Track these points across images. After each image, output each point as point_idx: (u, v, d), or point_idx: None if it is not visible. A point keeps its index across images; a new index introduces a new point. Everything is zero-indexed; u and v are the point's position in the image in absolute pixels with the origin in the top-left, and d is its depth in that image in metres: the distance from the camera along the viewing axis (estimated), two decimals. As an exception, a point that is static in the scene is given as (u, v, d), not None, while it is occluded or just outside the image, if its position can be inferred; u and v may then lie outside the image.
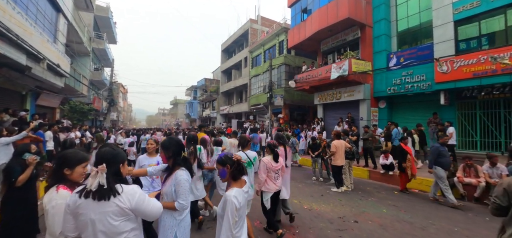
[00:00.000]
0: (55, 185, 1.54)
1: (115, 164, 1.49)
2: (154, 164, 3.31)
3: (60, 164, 1.58)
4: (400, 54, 10.88)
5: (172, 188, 1.98)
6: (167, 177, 2.10)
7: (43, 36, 7.86)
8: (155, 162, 3.31)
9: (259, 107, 20.90)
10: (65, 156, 1.62)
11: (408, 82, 10.30)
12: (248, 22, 24.19)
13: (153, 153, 3.46)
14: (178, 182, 1.96)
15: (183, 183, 1.95)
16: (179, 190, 1.94)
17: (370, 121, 11.35)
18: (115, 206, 1.38)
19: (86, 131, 10.71)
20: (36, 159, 2.80)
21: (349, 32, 12.35)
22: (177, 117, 52.70)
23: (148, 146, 3.45)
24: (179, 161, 2.07)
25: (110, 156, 1.49)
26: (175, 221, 1.98)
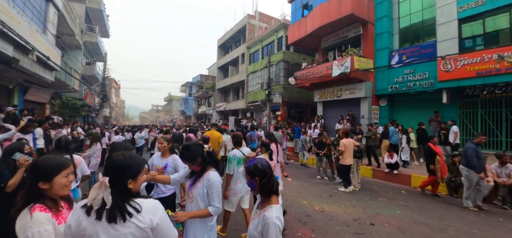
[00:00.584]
0: (28, 206, 1.19)
1: (124, 178, 1.17)
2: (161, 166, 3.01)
3: (33, 176, 1.24)
4: (402, 52, 10.78)
5: (204, 190, 1.79)
6: (197, 179, 1.90)
7: (31, 26, 7.33)
8: (164, 163, 3.02)
9: (257, 105, 20.64)
10: (38, 165, 1.26)
11: (410, 81, 10.22)
12: (246, 18, 23.77)
13: (166, 153, 3.12)
14: (211, 184, 1.78)
15: (216, 185, 1.80)
16: (212, 192, 1.78)
17: (371, 118, 11.25)
18: (134, 227, 1.10)
19: (78, 127, 10.20)
20: (28, 160, 2.43)
21: (351, 29, 12.18)
22: (171, 114, 51.85)
23: (159, 145, 3.11)
24: (209, 160, 1.89)
25: (119, 168, 1.17)
26: (206, 228, 1.80)
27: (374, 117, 11.42)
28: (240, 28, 24.85)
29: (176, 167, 2.93)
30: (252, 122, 19.34)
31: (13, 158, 2.37)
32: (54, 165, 1.26)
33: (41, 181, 1.22)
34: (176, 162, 2.98)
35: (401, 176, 7.16)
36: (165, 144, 3.08)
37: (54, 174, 1.24)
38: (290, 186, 6.06)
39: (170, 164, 2.98)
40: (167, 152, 3.13)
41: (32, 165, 1.30)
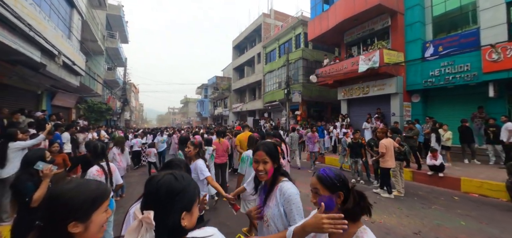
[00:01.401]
0: None
1: (176, 211, 0.81)
2: None
3: (57, 213, 0.80)
4: (438, 42, 9.86)
5: (280, 209, 1.35)
6: (268, 195, 1.45)
7: (57, 31, 7.41)
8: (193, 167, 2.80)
9: (274, 104, 20.16)
10: (65, 196, 0.80)
11: (449, 74, 9.29)
12: (261, 17, 23.40)
13: (193, 158, 2.87)
14: (289, 199, 1.33)
15: (295, 199, 1.34)
16: (292, 210, 1.32)
17: (403, 116, 10.42)
18: None
19: (101, 131, 10.31)
20: (52, 169, 2.16)
21: (378, 20, 11.38)
22: (188, 116, 52.66)
23: (186, 150, 2.85)
24: (281, 169, 1.46)
25: (168, 196, 0.81)
26: None
27: (406, 115, 10.56)
28: (255, 27, 24.53)
29: (198, 173, 2.74)
30: (270, 122, 18.91)
31: (35, 168, 2.11)
32: (92, 196, 0.84)
33: (73, 220, 0.79)
34: (198, 166, 2.77)
35: (447, 179, 6.39)
36: (191, 149, 2.87)
37: (92, 210, 0.84)
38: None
39: (192, 170, 2.70)
40: (194, 156, 2.91)
41: (52, 197, 0.82)
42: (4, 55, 6.04)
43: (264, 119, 21.43)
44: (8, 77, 7.35)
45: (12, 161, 3.78)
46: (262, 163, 1.42)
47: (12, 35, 5.32)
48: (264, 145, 1.47)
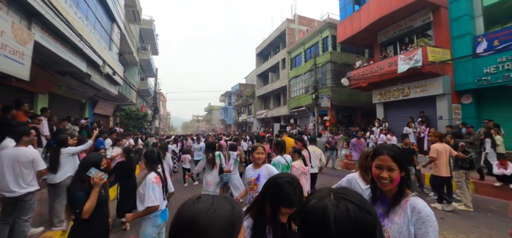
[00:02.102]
0: None
1: None
2: (253, 177, 2.62)
3: None
4: (492, 36, 8.77)
5: (411, 228, 1.12)
6: (392, 207, 1.21)
7: (101, 43, 7.88)
8: (256, 174, 2.62)
9: (301, 110, 19.64)
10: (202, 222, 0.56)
11: (509, 70, 8.16)
12: (285, 22, 23.26)
13: (260, 164, 2.69)
14: (425, 220, 1.10)
15: (433, 221, 1.11)
16: (428, 233, 1.08)
17: (452, 119, 9.36)
18: None
19: (138, 138, 10.74)
20: (103, 178, 2.03)
21: (417, 17, 10.52)
22: (212, 123, 53.86)
23: (257, 155, 2.67)
24: (407, 180, 1.24)
25: None
26: None
27: (456, 118, 9.47)
28: (279, 34, 24.42)
29: None
30: (296, 128, 18.38)
31: (88, 174, 1.98)
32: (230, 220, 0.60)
33: None
34: (270, 170, 2.59)
35: (521, 192, 5.45)
36: (264, 155, 2.67)
37: None
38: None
39: (263, 175, 2.55)
40: (261, 163, 2.71)
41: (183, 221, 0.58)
42: (54, 66, 6.52)
43: (290, 125, 20.96)
44: (58, 87, 7.94)
45: (63, 166, 3.87)
46: (386, 169, 1.19)
47: (63, 47, 5.69)
48: (389, 149, 1.24)
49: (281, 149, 3.46)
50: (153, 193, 2.18)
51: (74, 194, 1.91)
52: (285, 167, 3.27)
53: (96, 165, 2.06)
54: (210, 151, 4.03)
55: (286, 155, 3.49)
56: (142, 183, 2.29)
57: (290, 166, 3.36)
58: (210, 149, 4.11)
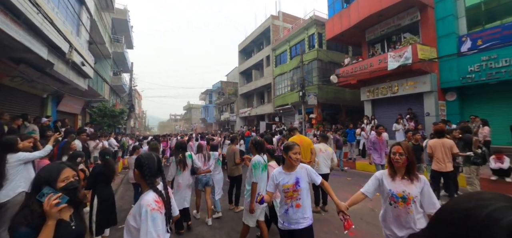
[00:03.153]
0: None
1: None
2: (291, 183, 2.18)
3: None
4: (476, 36, 9.11)
5: None
6: None
7: (66, 27, 6.66)
8: (294, 178, 2.18)
9: (286, 108, 19.38)
10: None
11: (491, 69, 8.51)
12: (270, 19, 22.84)
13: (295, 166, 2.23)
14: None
15: None
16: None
17: (438, 116, 9.59)
18: None
19: (111, 138, 9.43)
20: (58, 200, 1.24)
21: (405, 15, 10.67)
22: (191, 122, 51.87)
23: (294, 155, 2.18)
24: None
25: None
26: None
27: (442, 115, 9.74)
28: (263, 30, 23.94)
29: (312, 180, 2.24)
30: (281, 127, 18.08)
31: (38, 198, 1.23)
32: None
33: None
34: (310, 172, 2.24)
35: (516, 185, 5.54)
36: (300, 155, 2.24)
37: None
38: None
39: (302, 178, 2.19)
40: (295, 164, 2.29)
41: None
42: (5, 51, 5.28)
43: (275, 123, 20.62)
44: (11, 78, 6.58)
45: (12, 179, 2.82)
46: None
47: (16, 25, 4.55)
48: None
49: (260, 149, 3.21)
50: (154, 226, 1.39)
51: (15, 231, 1.16)
52: (264, 167, 3.10)
53: (50, 182, 1.29)
54: (180, 152, 3.76)
55: (265, 156, 3.26)
56: (134, 211, 1.48)
57: (266, 166, 3.17)
58: (180, 150, 3.81)
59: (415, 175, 1.89)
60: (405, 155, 1.87)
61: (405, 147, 1.90)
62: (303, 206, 2.12)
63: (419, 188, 1.85)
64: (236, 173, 4.75)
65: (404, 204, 1.85)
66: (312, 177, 2.21)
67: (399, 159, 1.88)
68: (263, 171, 3.07)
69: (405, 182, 1.89)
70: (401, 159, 1.87)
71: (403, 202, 1.86)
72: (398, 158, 1.88)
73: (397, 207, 1.89)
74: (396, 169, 1.94)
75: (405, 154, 1.88)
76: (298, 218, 2.11)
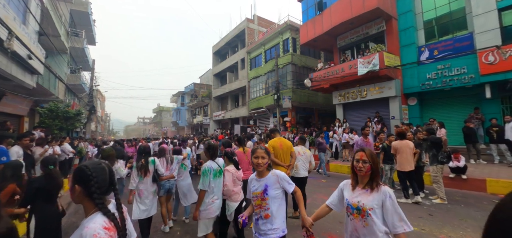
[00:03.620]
0: None
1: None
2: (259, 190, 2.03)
3: None
4: (433, 46, 10.06)
5: None
6: None
7: (7, 11, 5.66)
8: (263, 185, 2.02)
9: (261, 111, 19.37)
10: None
11: (446, 76, 9.44)
12: (245, 22, 22.77)
13: (264, 172, 2.02)
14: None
15: None
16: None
17: (402, 119, 10.33)
18: None
19: (65, 144, 8.27)
20: None
21: (373, 25, 11.39)
22: (162, 126, 49.18)
23: (256, 159, 2.00)
24: None
25: None
26: None
27: (404, 118, 10.51)
28: (238, 33, 23.77)
29: (284, 188, 2.02)
30: (256, 130, 18.00)
31: None
32: None
33: None
34: (282, 179, 2.02)
35: (471, 181, 6.10)
36: (266, 159, 2.04)
37: None
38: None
39: (271, 185, 1.99)
40: (266, 169, 2.08)
41: None
42: None
43: (250, 127, 20.47)
44: None
45: None
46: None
47: None
48: None
49: (212, 154, 3.02)
50: None
51: None
52: (218, 173, 2.91)
53: None
54: (142, 157, 3.55)
55: (219, 159, 3.09)
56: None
57: (222, 171, 3.02)
58: (143, 154, 3.59)
59: (377, 183, 1.69)
60: (369, 163, 1.69)
61: (369, 154, 1.71)
62: (273, 217, 1.94)
63: (377, 200, 1.62)
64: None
65: (359, 216, 1.65)
66: (284, 185, 2.00)
67: (362, 166, 1.69)
68: (216, 177, 2.89)
69: (364, 191, 1.70)
70: (364, 167, 1.69)
71: (358, 213, 1.65)
72: (361, 165, 1.69)
73: (353, 219, 1.69)
74: (359, 178, 1.74)
75: (369, 161, 1.69)
76: (266, 230, 1.92)
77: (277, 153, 3.85)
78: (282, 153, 3.84)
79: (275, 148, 3.88)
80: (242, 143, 4.39)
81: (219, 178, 2.94)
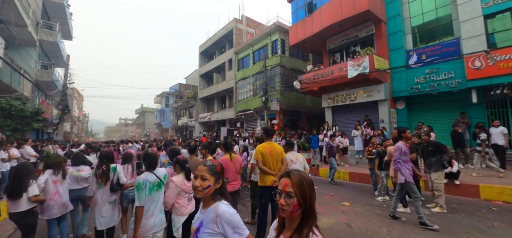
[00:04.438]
0: None
1: None
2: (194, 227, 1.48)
3: None
4: (421, 51, 10.11)
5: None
6: None
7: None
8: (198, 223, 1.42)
9: (248, 114, 18.88)
10: None
11: (433, 81, 9.49)
12: (233, 22, 22.28)
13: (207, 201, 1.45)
14: None
15: None
16: None
17: (390, 123, 10.27)
18: None
19: (26, 146, 7.26)
20: None
21: (362, 28, 11.32)
22: (144, 127, 47.16)
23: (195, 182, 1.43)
24: None
25: None
26: None
27: (393, 122, 10.46)
28: (226, 33, 23.22)
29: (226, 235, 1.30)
30: (241, 132, 17.46)
31: None
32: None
33: None
34: (222, 214, 1.31)
35: (464, 187, 5.98)
36: (209, 181, 1.38)
37: None
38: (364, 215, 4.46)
39: (206, 224, 1.34)
40: (210, 197, 1.41)
41: None
42: None
43: (236, 129, 19.89)
44: None
45: None
46: None
47: None
48: None
49: (150, 164, 2.62)
50: None
51: None
52: (156, 186, 2.52)
53: None
54: (103, 163, 3.26)
55: (161, 169, 2.71)
56: None
57: (163, 183, 2.61)
58: (105, 160, 3.28)
59: (311, 232, 1.02)
60: (296, 198, 1.02)
61: (297, 183, 1.04)
62: None
63: None
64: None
65: None
66: (226, 232, 1.29)
67: (285, 204, 1.03)
68: (154, 191, 2.49)
69: None
70: (289, 205, 1.02)
71: None
72: (284, 202, 1.03)
73: None
74: (286, 221, 1.09)
75: (295, 196, 1.02)
76: None
77: (265, 159, 3.37)
78: (271, 159, 3.37)
79: (264, 153, 3.42)
80: (229, 148, 3.85)
81: (159, 192, 2.55)
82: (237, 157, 3.85)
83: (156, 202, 2.51)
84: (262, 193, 3.42)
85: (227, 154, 3.78)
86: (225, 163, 3.59)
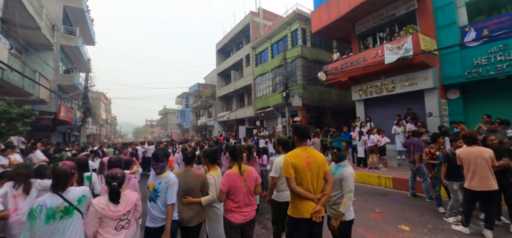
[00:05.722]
0: None
1: None
2: None
3: None
4: (481, 25, 8.07)
5: None
6: None
7: None
8: None
9: (268, 111, 17.67)
10: None
11: (502, 61, 7.45)
12: (249, 15, 21.18)
13: None
14: None
15: None
16: None
17: (441, 116, 8.40)
18: None
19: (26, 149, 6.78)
20: None
21: (400, 4, 9.50)
22: (167, 128, 48.31)
23: None
24: None
25: None
26: None
27: (444, 115, 8.57)
28: (242, 28, 22.20)
29: None
30: (263, 131, 16.28)
31: None
32: None
33: None
34: None
35: None
36: None
37: None
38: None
39: None
40: None
41: None
42: None
43: (256, 128, 18.79)
44: None
45: None
46: None
47: None
48: None
49: (56, 183, 2.00)
50: None
51: None
52: (61, 212, 1.91)
53: None
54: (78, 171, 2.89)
55: (73, 188, 2.06)
56: None
57: (73, 209, 1.96)
58: (80, 168, 3.02)
59: None
60: None
61: None
62: None
63: None
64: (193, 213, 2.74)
65: None
66: None
67: None
68: (55, 220, 1.88)
69: None
70: None
71: None
72: None
73: None
74: None
75: None
76: None
77: (301, 175, 2.11)
78: (310, 176, 2.11)
79: (298, 167, 2.13)
80: (236, 156, 2.60)
81: (65, 220, 1.92)
82: (250, 169, 2.64)
83: (60, 234, 1.89)
84: (294, 227, 2.19)
85: (235, 166, 2.61)
86: (233, 180, 2.43)
